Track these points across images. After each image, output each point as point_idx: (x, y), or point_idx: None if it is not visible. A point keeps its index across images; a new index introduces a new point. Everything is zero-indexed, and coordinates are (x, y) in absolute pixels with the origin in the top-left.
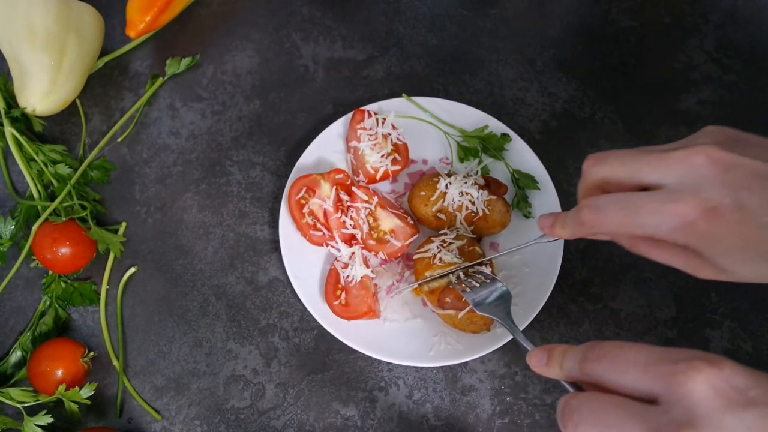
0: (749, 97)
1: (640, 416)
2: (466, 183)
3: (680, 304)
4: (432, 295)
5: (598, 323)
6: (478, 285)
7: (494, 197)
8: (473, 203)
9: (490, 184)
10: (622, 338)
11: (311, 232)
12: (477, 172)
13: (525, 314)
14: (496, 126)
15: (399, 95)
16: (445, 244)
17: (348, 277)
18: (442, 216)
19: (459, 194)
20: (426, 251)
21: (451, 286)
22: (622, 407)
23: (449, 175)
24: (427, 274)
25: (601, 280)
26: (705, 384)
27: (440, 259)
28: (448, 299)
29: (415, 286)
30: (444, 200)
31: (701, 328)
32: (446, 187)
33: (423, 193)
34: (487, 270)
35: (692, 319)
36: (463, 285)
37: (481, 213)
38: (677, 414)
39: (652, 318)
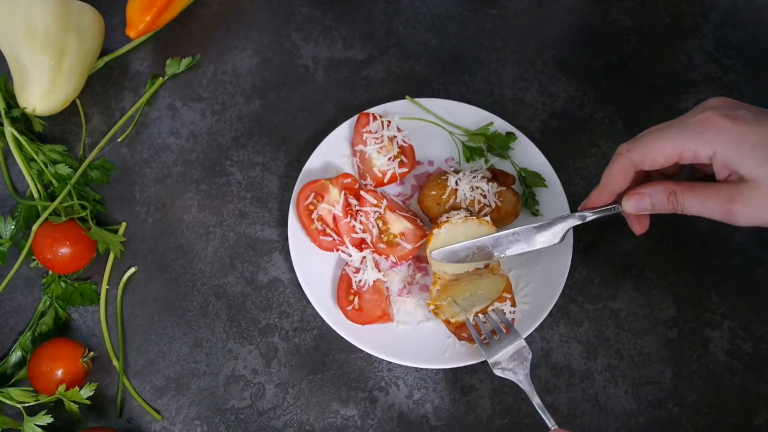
0: (749, 97)
1: None
2: (474, 177)
3: (680, 304)
4: (450, 325)
5: (598, 323)
6: (495, 336)
7: (503, 188)
8: (485, 196)
9: (497, 176)
10: (622, 338)
11: (321, 237)
12: (482, 167)
13: (536, 313)
14: (501, 125)
15: (399, 95)
16: (465, 178)
17: (360, 281)
18: None
19: (470, 189)
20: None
21: (467, 325)
22: None
23: (456, 172)
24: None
25: (601, 280)
26: None
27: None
28: (465, 334)
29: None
30: (456, 197)
31: (701, 328)
32: (456, 183)
33: (434, 193)
34: (508, 307)
35: (692, 319)
36: (480, 331)
37: (493, 205)
38: None
39: (652, 318)
